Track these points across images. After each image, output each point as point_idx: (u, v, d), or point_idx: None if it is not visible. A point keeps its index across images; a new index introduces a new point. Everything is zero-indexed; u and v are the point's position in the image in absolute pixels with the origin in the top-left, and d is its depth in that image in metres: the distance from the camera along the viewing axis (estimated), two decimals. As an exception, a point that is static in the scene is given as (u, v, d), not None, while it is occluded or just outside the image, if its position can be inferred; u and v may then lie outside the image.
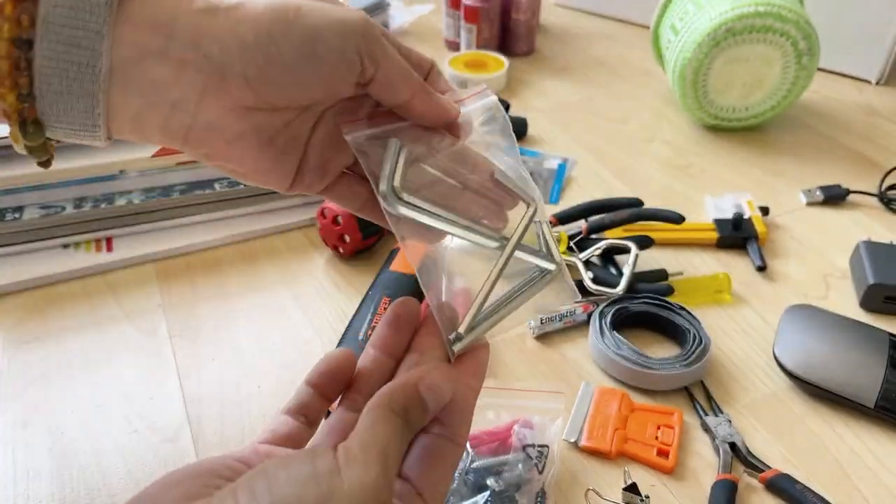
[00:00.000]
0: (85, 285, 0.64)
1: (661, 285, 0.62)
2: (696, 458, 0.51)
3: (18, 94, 0.26)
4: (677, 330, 0.58)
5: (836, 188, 0.77)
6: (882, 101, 0.96)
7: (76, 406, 0.54)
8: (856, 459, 0.51)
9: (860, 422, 0.53)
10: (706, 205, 0.75)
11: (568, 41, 1.13)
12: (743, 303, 0.64)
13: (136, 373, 0.56)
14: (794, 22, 0.78)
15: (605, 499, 0.47)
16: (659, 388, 0.55)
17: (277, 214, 0.71)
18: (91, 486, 0.48)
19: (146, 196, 0.67)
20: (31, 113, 0.26)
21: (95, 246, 0.67)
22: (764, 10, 0.77)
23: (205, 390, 0.55)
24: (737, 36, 0.79)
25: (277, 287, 0.65)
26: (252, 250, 0.69)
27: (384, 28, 0.34)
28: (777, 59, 0.81)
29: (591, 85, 1.00)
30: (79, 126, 0.28)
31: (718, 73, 0.82)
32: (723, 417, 0.52)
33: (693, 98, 0.84)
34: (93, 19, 0.26)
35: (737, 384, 0.56)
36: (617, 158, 0.84)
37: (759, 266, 0.67)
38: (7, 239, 0.64)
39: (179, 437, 0.52)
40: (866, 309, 0.63)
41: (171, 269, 0.66)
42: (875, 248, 0.65)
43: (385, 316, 0.33)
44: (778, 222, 0.74)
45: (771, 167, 0.82)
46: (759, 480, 0.49)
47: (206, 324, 0.60)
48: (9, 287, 0.63)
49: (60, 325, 0.60)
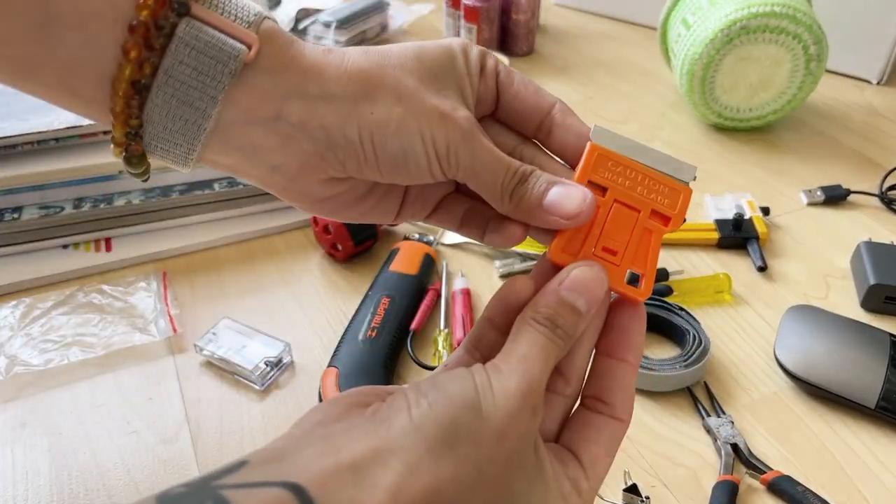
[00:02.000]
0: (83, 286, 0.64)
1: (660, 286, 0.62)
2: (697, 459, 0.50)
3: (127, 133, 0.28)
4: (677, 331, 0.58)
5: (837, 188, 0.76)
6: (883, 101, 0.96)
7: (75, 406, 0.54)
8: (856, 460, 0.51)
9: (861, 422, 0.53)
10: (706, 205, 0.75)
11: (568, 41, 1.13)
12: (743, 303, 0.63)
13: (134, 373, 0.56)
14: (808, 26, 0.78)
15: (605, 499, 0.47)
16: (659, 389, 0.55)
17: (277, 214, 0.71)
18: (90, 486, 0.48)
19: (145, 196, 0.67)
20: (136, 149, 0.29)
21: (94, 246, 0.67)
22: (780, 10, 0.77)
23: (204, 391, 0.55)
24: (750, 34, 0.79)
25: (277, 287, 0.64)
26: (251, 250, 0.69)
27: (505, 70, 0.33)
28: (786, 62, 0.81)
29: (591, 85, 1.00)
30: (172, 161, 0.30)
31: (728, 71, 0.82)
32: (725, 419, 0.52)
33: (699, 94, 0.84)
34: (213, 85, 0.28)
35: (737, 385, 0.56)
36: (617, 158, 0.83)
37: (760, 266, 0.66)
38: (6, 239, 0.64)
39: (179, 437, 0.51)
40: (867, 309, 0.63)
41: (171, 270, 0.66)
42: (876, 249, 0.65)
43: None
44: (778, 222, 0.74)
45: (771, 167, 0.82)
46: (761, 482, 0.48)
47: (206, 324, 0.59)
48: (8, 287, 0.63)
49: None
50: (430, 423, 0.24)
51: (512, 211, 0.31)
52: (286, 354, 0.57)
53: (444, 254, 0.68)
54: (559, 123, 0.33)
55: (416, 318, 0.59)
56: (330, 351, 0.56)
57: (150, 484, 0.49)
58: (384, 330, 0.56)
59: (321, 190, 0.32)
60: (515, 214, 0.31)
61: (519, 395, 0.25)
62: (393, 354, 0.56)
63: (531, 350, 0.27)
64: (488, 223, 0.34)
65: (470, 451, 0.24)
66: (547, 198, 0.30)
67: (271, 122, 0.29)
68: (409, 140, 0.30)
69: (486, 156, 0.31)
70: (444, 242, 0.69)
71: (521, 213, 0.31)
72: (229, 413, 0.53)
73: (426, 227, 0.71)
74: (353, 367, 0.53)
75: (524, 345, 0.27)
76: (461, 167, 0.31)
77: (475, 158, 0.30)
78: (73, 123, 0.65)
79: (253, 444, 0.51)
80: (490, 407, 0.25)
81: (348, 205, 0.33)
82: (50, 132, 0.64)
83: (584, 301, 0.28)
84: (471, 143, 0.30)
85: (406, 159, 0.30)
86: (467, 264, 0.67)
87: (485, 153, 0.31)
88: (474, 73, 0.32)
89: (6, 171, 0.64)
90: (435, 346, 0.58)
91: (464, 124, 0.30)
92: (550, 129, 0.33)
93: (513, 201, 0.31)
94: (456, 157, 0.30)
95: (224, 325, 0.58)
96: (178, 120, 0.28)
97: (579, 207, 0.30)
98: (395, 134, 0.30)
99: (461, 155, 0.30)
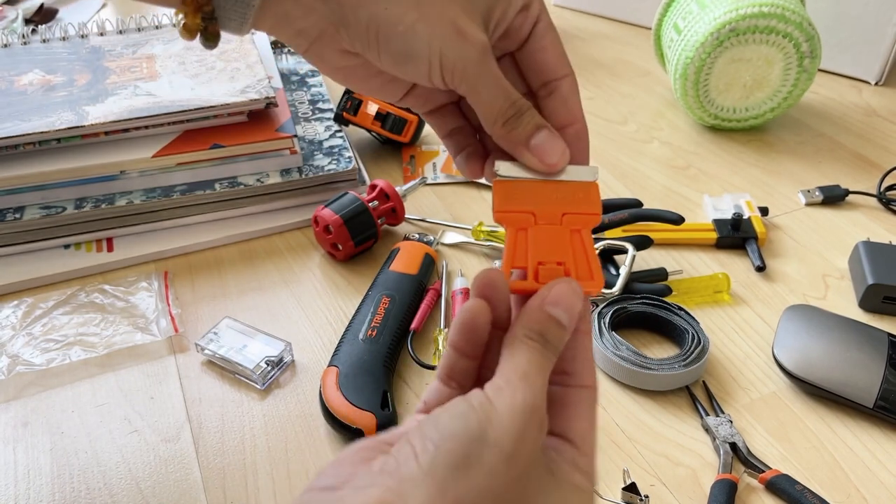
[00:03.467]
0: (85, 285, 0.64)
1: (659, 286, 0.62)
2: (696, 458, 0.51)
3: (203, 17, 0.32)
4: (676, 330, 0.58)
5: (836, 188, 0.77)
6: (881, 101, 0.96)
7: (76, 406, 0.54)
8: (854, 459, 0.51)
9: (859, 421, 0.53)
10: (705, 205, 0.75)
11: (567, 42, 1.13)
12: (742, 303, 0.64)
13: (136, 372, 0.56)
14: (797, 24, 0.78)
15: (605, 498, 0.48)
16: (658, 389, 0.55)
17: (278, 214, 0.71)
18: (91, 485, 0.48)
19: (147, 196, 0.67)
20: (214, 28, 0.32)
21: (96, 246, 0.67)
22: (768, 10, 0.78)
23: (205, 390, 0.55)
24: (740, 36, 0.79)
25: (277, 287, 0.65)
26: (252, 250, 0.69)
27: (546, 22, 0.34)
28: (779, 61, 0.81)
29: (591, 86, 1.00)
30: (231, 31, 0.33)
31: (720, 73, 0.82)
32: (724, 418, 0.52)
33: (694, 97, 0.85)
34: None
35: (736, 384, 0.56)
36: (616, 159, 0.84)
37: (759, 266, 0.67)
38: (8, 239, 0.65)
39: (180, 436, 0.52)
40: (865, 309, 0.63)
41: (172, 269, 0.66)
42: (874, 249, 0.65)
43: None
44: (777, 223, 0.74)
45: (770, 167, 0.82)
46: (759, 481, 0.49)
47: (207, 323, 0.60)
48: (9, 287, 0.63)
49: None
50: (440, 464, 0.24)
51: (499, 137, 0.33)
52: (287, 354, 0.57)
53: (444, 254, 0.68)
54: (560, 94, 0.34)
55: (416, 318, 0.60)
56: (330, 350, 0.57)
57: (151, 483, 0.49)
58: (384, 329, 0.57)
59: (336, 59, 0.34)
60: (501, 141, 0.33)
61: (527, 411, 0.26)
62: (393, 354, 0.56)
63: (530, 366, 0.27)
64: (465, 148, 0.36)
65: (483, 482, 0.24)
66: (535, 138, 0.32)
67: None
68: (415, 44, 0.31)
69: (492, 79, 0.32)
70: (444, 242, 0.69)
71: (507, 142, 0.33)
72: (230, 412, 0.54)
73: (426, 227, 0.72)
74: (354, 366, 0.53)
75: (523, 362, 0.27)
76: (467, 82, 0.32)
77: (481, 78, 0.32)
78: (75, 124, 0.65)
79: (254, 443, 0.51)
80: (497, 432, 0.25)
81: (360, 78, 0.35)
82: (52, 132, 0.64)
83: (567, 315, 0.29)
84: (481, 64, 0.32)
85: (406, 60, 0.32)
86: (467, 264, 0.67)
87: (492, 76, 0.32)
88: (514, 7, 0.33)
89: (8, 171, 0.64)
90: (435, 345, 0.58)
91: (478, 45, 0.31)
92: (551, 93, 0.34)
93: (504, 128, 0.32)
94: (463, 72, 0.32)
95: (225, 325, 0.59)
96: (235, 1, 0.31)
97: (559, 159, 0.32)
98: (402, 35, 0.31)
99: (469, 71, 0.32)
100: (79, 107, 0.68)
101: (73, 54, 0.78)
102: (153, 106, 0.68)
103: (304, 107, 0.81)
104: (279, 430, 0.52)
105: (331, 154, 0.74)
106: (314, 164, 0.72)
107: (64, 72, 0.74)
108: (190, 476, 0.49)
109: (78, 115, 0.66)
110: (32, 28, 0.83)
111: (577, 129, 0.35)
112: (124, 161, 0.66)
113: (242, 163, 0.70)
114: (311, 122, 0.79)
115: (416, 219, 0.72)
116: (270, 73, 0.77)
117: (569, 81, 0.34)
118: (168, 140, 0.68)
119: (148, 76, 0.74)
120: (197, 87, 0.71)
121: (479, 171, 0.35)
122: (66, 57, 0.77)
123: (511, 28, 0.33)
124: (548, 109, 0.35)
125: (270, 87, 0.71)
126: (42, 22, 1.04)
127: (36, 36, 0.81)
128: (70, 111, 0.67)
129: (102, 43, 0.80)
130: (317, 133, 0.77)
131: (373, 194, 0.68)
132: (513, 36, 0.34)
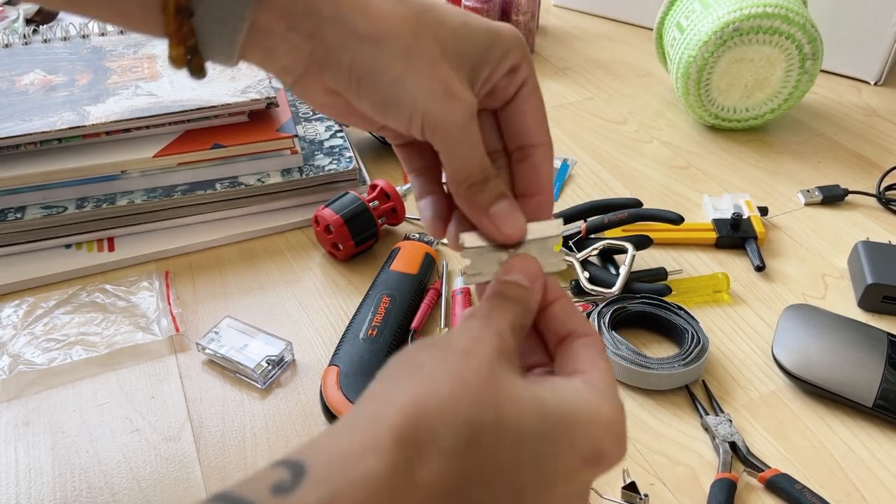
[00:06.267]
0: (86, 285, 0.64)
1: (659, 285, 0.62)
2: (696, 457, 0.51)
3: (187, 50, 0.31)
4: (676, 330, 0.59)
5: (835, 188, 0.77)
6: (880, 101, 0.96)
7: (78, 405, 0.54)
8: (854, 458, 0.51)
9: (858, 421, 0.53)
10: (705, 205, 0.75)
11: (567, 42, 1.13)
12: (741, 303, 0.64)
13: (137, 372, 0.57)
14: (800, 25, 0.78)
15: (605, 497, 0.48)
16: (657, 388, 0.55)
17: (278, 214, 0.71)
18: (92, 484, 0.49)
19: (148, 196, 0.67)
20: (199, 62, 0.32)
21: (97, 246, 0.67)
22: (772, 10, 0.78)
23: (206, 389, 0.55)
24: (743, 36, 0.79)
25: (278, 286, 0.65)
26: (253, 250, 0.69)
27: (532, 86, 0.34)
28: (781, 62, 0.81)
29: (591, 86, 1.00)
30: (218, 63, 0.33)
31: (722, 72, 0.82)
32: (723, 417, 0.53)
33: (695, 96, 0.85)
34: (239, 6, 0.30)
35: (735, 384, 0.56)
36: (616, 159, 0.84)
37: (758, 266, 0.67)
38: (9, 239, 0.65)
39: (181, 435, 0.52)
40: (865, 309, 0.63)
41: (173, 269, 0.66)
42: (873, 248, 0.65)
43: None
44: (776, 222, 0.74)
45: (769, 167, 0.82)
46: (759, 480, 0.49)
47: (208, 323, 0.60)
48: (11, 287, 0.63)
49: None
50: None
51: (461, 198, 0.33)
52: (287, 353, 0.57)
53: (445, 253, 0.68)
54: (533, 162, 0.34)
55: (416, 318, 0.60)
56: (331, 350, 0.57)
57: (152, 482, 0.49)
58: (385, 329, 0.57)
59: (322, 96, 0.34)
60: (461, 202, 0.33)
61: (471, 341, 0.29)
62: (393, 353, 0.56)
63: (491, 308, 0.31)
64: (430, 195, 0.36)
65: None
66: (495, 206, 0.33)
67: (283, 33, 0.31)
68: (400, 95, 0.31)
69: (471, 143, 0.32)
70: (445, 242, 0.69)
71: (468, 205, 0.33)
72: (231, 411, 0.54)
73: (426, 227, 0.72)
74: (354, 365, 0.54)
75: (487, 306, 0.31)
76: (447, 142, 0.32)
77: (462, 141, 0.32)
78: (76, 124, 0.65)
79: (255, 442, 0.52)
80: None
81: (342, 114, 0.35)
82: (53, 132, 0.65)
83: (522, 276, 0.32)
84: (464, 128, 0.32)
85: (386, 109, 0.32)
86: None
87: (472, 141, 0.32)
88: (501, 69, 0.33)
89: (9, 171, 0.64)
90: (435, 345, 0.58)
91: (465, 107, 0.31)
92: (525, 159, 0.34)
93: (468, 192, 0.33)
94: (445, 132, 0.32)
95: (226, 324, 0.59)
96: (217, 36, 0.31)
97: (515, 231, 0.33)
98: (388, 84, 0.31)
99: (451, 132, 0.32)
100: (80, 107, 0.68)
101: (74, 54, 0.78)
102: (154, 106, 0.68)
103: (305, 107, 0.82)
104: (280, 429, 0.53)
105: (331, 154, 0.74)
106: (315, 163, 0.72)
107: (65, 72, 0.74)
108: (191, 475, 0.50)
109: (79, 115, 0.66)
110: (33, 28, 0.83)
111: (542, 199, 0.35)
112: (125, 161, 0.67)
113: (243, 163, 0.70)
114: (311, 122, 0.79)
115: (417, 219, 0.72)
116: (271, 73, 0.77)
117: (543, 150, 0.34)
118: (169, 140, 0.69)
119: (149, 76, 0.74)
120: (198, 87, 0.71)
121: (441, 232, 0.36)
122: (67, 57, 0.77)
123: (496, 88, 0.33)
124: (518, 174, 0.35)
125: (271, 87, 0.72)
126: (43, 22, 1.04)
127: (37, 36, 0.81)
128: (71, 111, 0.67)
129: (103, 43, 0.81)
130: (317, 133, 0.77)
131: (373, 194, 0.68)
132: (497, 96, 0.34)
